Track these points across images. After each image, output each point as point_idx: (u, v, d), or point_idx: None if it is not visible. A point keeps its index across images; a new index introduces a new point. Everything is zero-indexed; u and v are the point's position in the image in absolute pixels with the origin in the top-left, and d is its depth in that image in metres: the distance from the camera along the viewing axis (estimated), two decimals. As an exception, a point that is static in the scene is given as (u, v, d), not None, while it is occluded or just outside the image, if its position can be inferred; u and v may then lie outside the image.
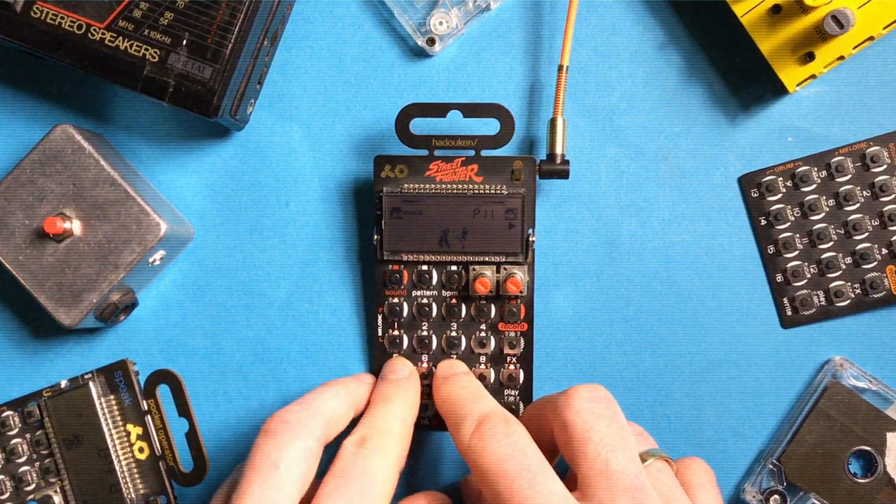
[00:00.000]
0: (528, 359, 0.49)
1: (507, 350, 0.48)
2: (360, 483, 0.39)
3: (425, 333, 0.49)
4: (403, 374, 0.47)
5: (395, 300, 0.49)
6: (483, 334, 0.48)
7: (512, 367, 0.48)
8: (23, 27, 0.45)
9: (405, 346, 0.49)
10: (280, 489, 0.38)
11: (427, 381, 0.49)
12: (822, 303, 0.49)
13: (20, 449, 0.49)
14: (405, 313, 0.49)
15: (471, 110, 0.47)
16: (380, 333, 0.49)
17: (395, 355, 0.49)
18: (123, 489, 0.48)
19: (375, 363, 0.49)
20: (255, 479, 0.38)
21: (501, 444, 0.39)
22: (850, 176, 0.49)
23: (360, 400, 0.45)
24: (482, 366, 0.48)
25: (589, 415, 0.40)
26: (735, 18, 0.47)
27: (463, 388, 0.45)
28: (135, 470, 0.48)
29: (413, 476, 0.51)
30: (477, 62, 0.50)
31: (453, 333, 0.48)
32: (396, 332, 0.49)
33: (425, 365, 0.49)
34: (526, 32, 0.50)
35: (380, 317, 0.49)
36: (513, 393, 0.49)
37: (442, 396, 0.45)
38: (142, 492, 0.48)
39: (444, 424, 0.48)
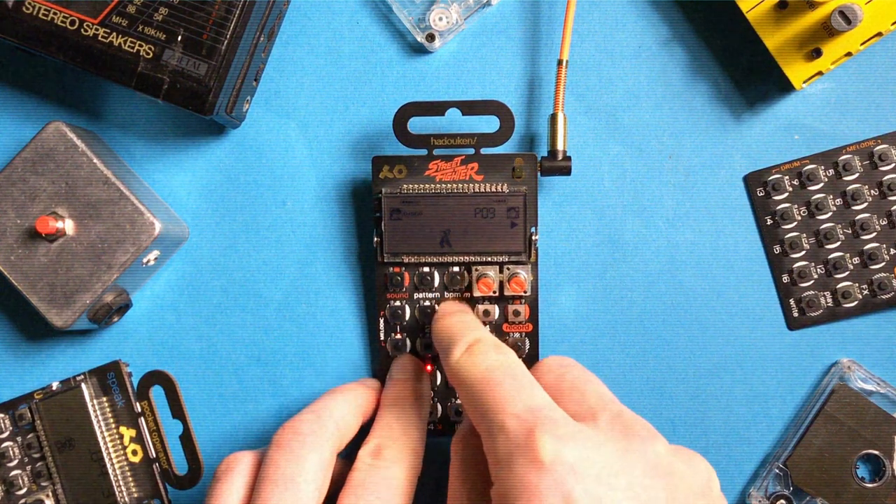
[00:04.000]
0: (535, 360, 0.48)
1: (512, 351, 0.48)
2: (379, 495, 0.39)
3: (429, 336, 0.48)
4: (412, 373, 0.47)
5: (397, 303, 0.48)
6: (488, 336, 0.48)
7: (518, 368, 0.48)
8: (15, 23, 0.45)
9: (408, 349, 0.48)
10: (298, 503, 0.38)
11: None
12: (829, 304, 0.49)
13: (11, 452, 0.49)
14: (408, 316, 0.48)
15: (469, 108, 0.47)
16: (382, 337, 0.48)
17: (404, 353, 0.48)
18: (117, 493, 0.48)
19: (379, 368, 0.49)
20: (273, 495, 0.38)
21: (490, 358, 0.39)
22: (857, 174, 0.48)
23: (369, 405, 0.45)
24: None
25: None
26: (741, 14, 0.47)
27: (461, 321, 0.44)
28: (128, 473, 0.48)
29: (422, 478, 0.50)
30: (478, 58, 0.50)
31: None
32: (399, 336, 0.48)
33: (429, 368, 0.48)
34: (527, 28, 0.50)
35: (382, 321, 0.48)
36: None
37: (438, 327, 0.44)
38: (135, 495, 0.48)
39: (447, 430, 0.48)
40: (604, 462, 0.35)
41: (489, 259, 0.47)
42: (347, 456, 0.43)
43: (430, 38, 0.49)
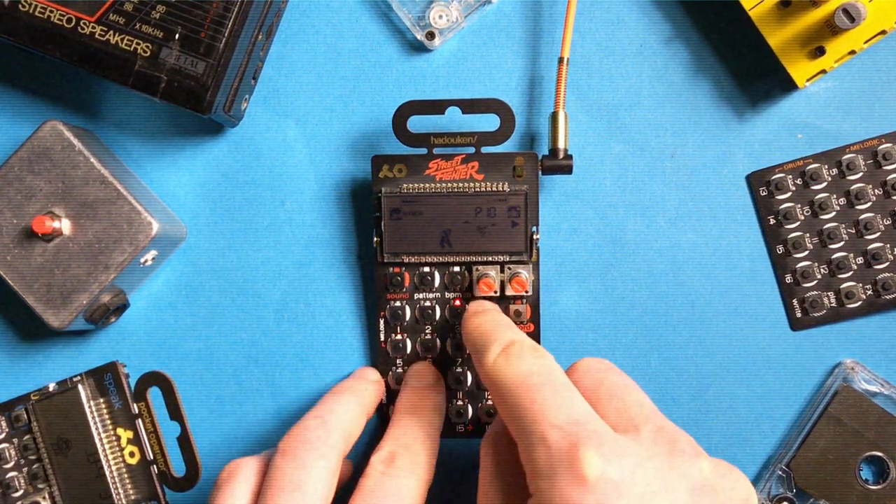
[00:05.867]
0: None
1: (513, 352, 0.48)
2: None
3: (429, 337, 0.48)
4: (429, 381, 0.46)
5: (397, 304, 0.48)
6: (489, 336, 0.47)
7: (520, 369, 0.48)
8: (11, 21, 0.45)
9: (409, 350, 0.48)
10: None
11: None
12: (833, 304, 0.48)
13: (7, 454, 0.48)
14: (408, 317, 0.48)
15: (469, 106, 0.46)
16: (382, 338, 0.48)
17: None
18: (114, 495, 0.47)
19: (379, 369, 0.49)
20: (280, 501, 0.38)
21: (528, 362, 0.38)
22: (861, 174, 0.48)
23: (373, 404, 0.45)
24: None
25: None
26: (743, 12, 0.46)
27: (493, 320, 0.43)
28: (125, 475, 0.48)
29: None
30: (478, 56, 0.50)
31: (458, 336, 0.47)
32: (399, 337, 0.48)
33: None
34: (528, 26, 0.49)
35: (382, 321, 0.48)
36: None
37: (470, 327, 0.43)
38: (133, 497, 0.48)
39: (449, 431, 0.48)
40: (648, 480, 0.34)
41: (490, 259, 0.47)
42: (352, 456, 0.43)
43: (430, 36, 0.49)
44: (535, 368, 0.38)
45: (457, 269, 0.47)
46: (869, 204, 0.48)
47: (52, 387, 0.49)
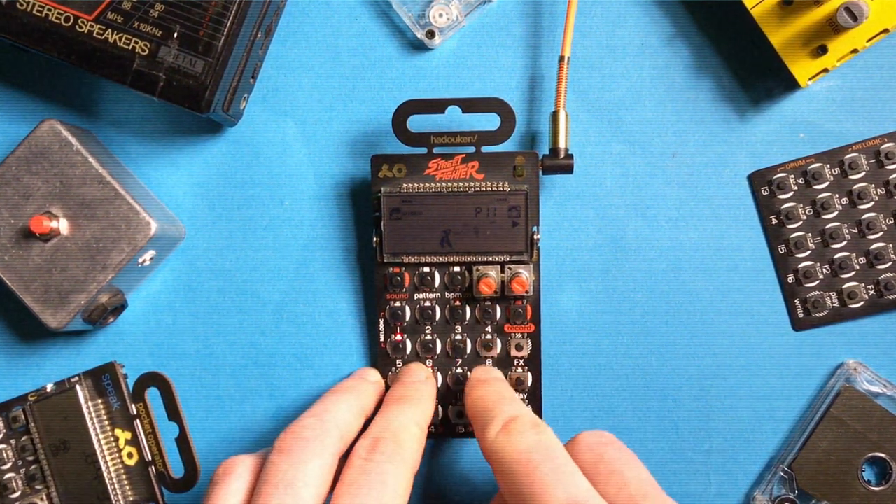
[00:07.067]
0: (537, 361, 0.48)
1: (514, 353, 0.48)
2: (374, 493, 0.38)
3: (429, 337, 0.48)
4: (420, 377, 0.46)
5: (397, 304, 0.48)
6: (489, 337, 0.47)
7: (520, 369, 0.48)
8: (9, 20, 0.45)
9: (408, 351, 0.48)
10: None
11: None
12: (835, 304, 0.48)
13: (5, 455, 0.48)
14: (408, 317, 0.48)
15: (470, 105, 0.46)
16: (382, 339, 0.48)
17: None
18: (112, 496, 0.47)
19: (378, 370, 0.49)
20: (272, 498, 0.38)
21: (528, 439, 0.38)
22: (863, 173, 0.48)
23: (371, 404, 0.45)
24: None
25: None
26: (745, 11, 0.46)
27: (496, 391, 0.44)
28: (123, 476, 0.48)
29: (425, 482, 0.50)
30: (478, 55, 0.50)
31: (458, 337, 0.48)
32: (399, 337, 0.48)
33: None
34: (528, 24, 0.49)
35: (381, 321, 0.48)
36: (521, 396, 0.48)
37: (473, 398, 0.44)
38: (131, 499, 0.48)
39: (449, 432, 0.47)
40: None
41: (490, 259, 0.47)
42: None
43: (430, 34, 0.49)
44: (536, 445, 0.38)
45: (457, 269, 0.47)
46: (871, 204, 0.48)
47: (49, 387, 0.48)
